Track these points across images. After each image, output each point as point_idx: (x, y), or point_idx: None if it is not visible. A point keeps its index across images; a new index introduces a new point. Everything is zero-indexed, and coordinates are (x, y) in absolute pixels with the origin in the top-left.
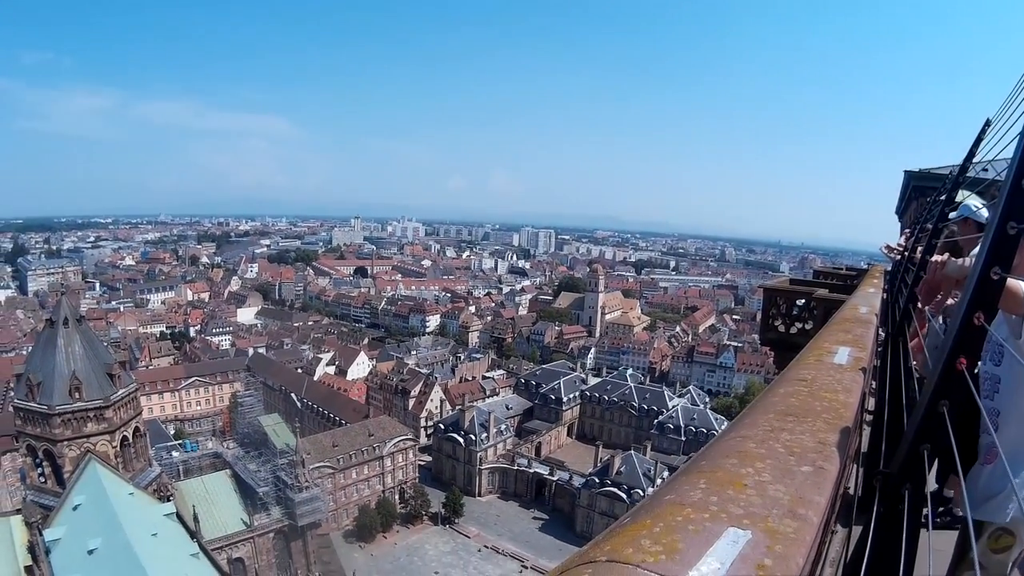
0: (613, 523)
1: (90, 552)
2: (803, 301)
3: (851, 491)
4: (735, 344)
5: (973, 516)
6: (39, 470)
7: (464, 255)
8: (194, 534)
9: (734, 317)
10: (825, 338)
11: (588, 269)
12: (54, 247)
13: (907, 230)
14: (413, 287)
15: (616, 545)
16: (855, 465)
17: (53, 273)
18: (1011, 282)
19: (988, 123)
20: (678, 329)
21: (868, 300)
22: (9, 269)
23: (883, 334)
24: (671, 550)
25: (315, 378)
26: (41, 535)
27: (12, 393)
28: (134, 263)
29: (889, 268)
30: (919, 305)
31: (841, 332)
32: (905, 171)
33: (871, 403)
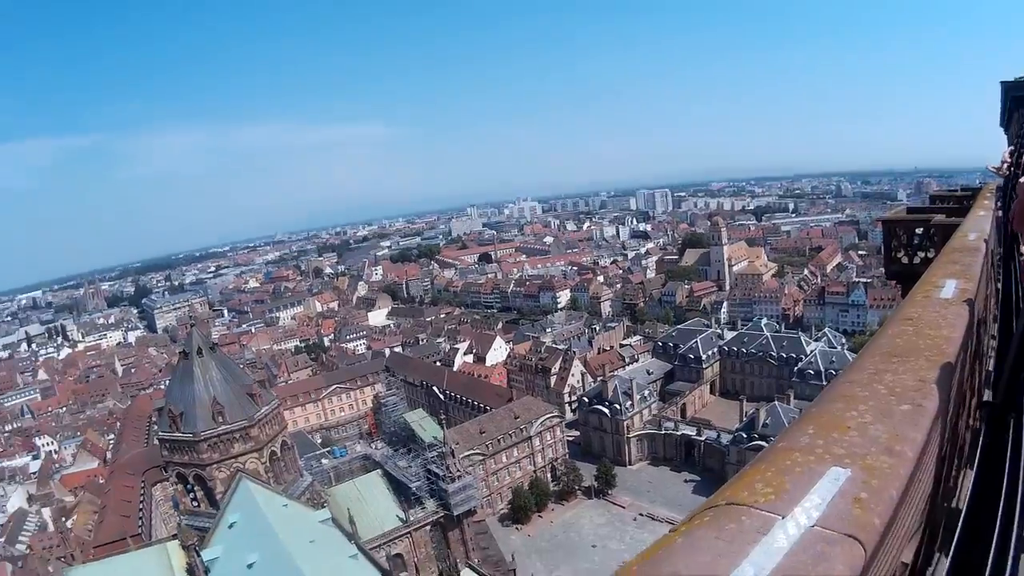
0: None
1: (249, 566)
2: (921, 230)
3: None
4: (864, 280)
5: None
6: (191, 495)
7: (584, 226)
8: (351, 536)
9: (860, 253)
10: (934, 272)
11: (709, 223)
12: (176, 283)
13: (1010, 146)
14: (539, 265)
15: (735, 490)
16: (974, 398)
17: (179, 307)
18: None
19: None
20: (806, 272)
21: (978, 225)
22: (135, 311)
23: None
24: (779, 490)
25: (454, 369)
26: (199, 556)
27: (156, 427)
28: (258, 284)
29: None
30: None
31: (949, 264)
32: (1001, 82)
33: (995, 330)
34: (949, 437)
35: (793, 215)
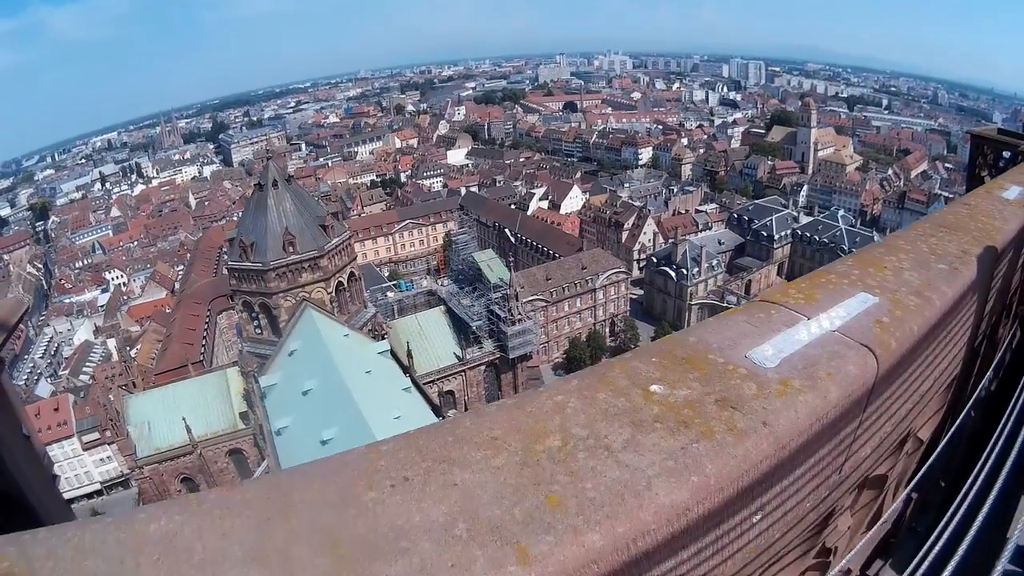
0: None
1: (304, 393)
2: (1009, 153)
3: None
4: (946, 194)
5: None
6: (255, 323)
7: (674, 87)
8: (407, 369)
9: (946, 165)
10: (1003, 178)
11: (800, 103)
12: (254, 118)
13: None
14: (624, 120)
15: (771, 293)
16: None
17: (256, 142)
18: None
19: None
20: (890, 172)
21: None
22: (212, 146)
23: None
24: (810, 298)
25: (528, 213)
26: (257, 382)
27: (226, 258)
28: (338, 120)
29: None
30: None
31: (1019, 174)
32: None
33: None
34: (984, 328)
35: (886, 112)
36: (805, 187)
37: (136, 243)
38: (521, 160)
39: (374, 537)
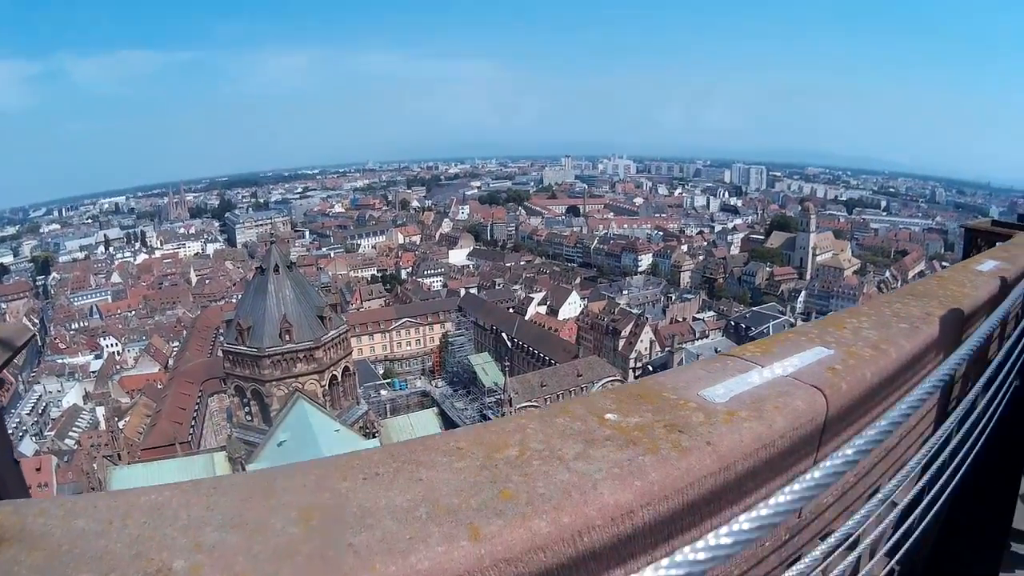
0: None
1: None
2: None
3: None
4: None
5: None
6: (246, 409)
7: (676, 192)
8: None
9: (943, 263)
10: (983, 254)
11: (800, 208)
12: (261, 200)
13: None
14: (625, 225)
15: (734, 351)
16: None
17: (261, 224)
18: None
19: None
20: (887, 274)
21: None
22: (217, 224)
23: None
24: (767, 352)
25: (526, 317)
26: (244, 469)
27: (222, 339)
28: (343, 210)
29: None
30: None
31: (999, 251)
32: None
33: None
34: (957, 392)
35: (884, 213)
36: (803, 293)
37: (134, 313)
38: (522, 263)
39: (343, 514)
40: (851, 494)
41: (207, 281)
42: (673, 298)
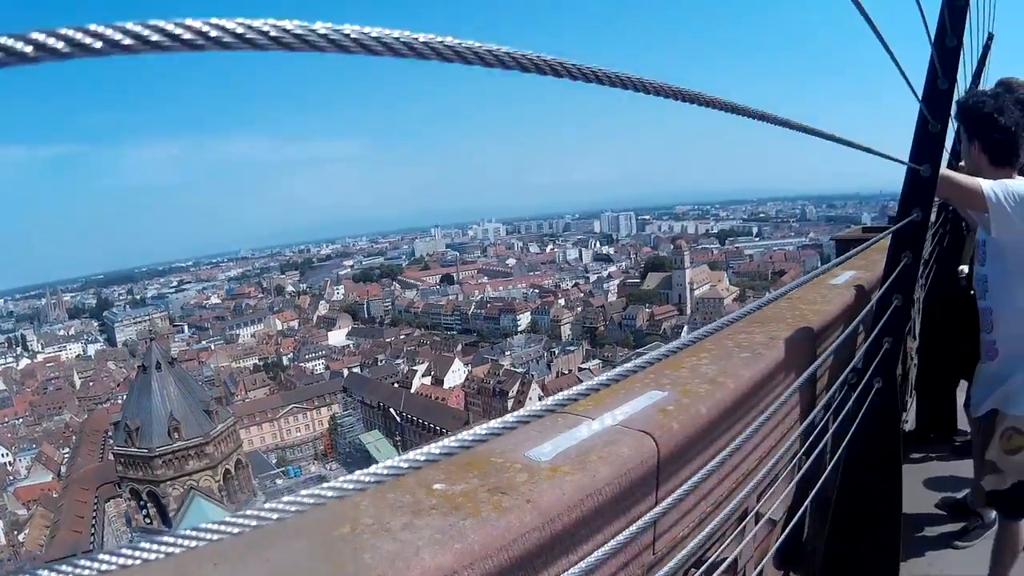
0: None
1: None
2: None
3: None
4: None
5: (973, 414)
6: (144, 512)
7: (548, 249)
8: None
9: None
10: (840, 265)
11: (672, 246)
12: (138, 296)
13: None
14: (500, 288)
15: (569, 406)
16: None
17: (140, 321)
18: (959, 176)
19: (991, 36)
20: (767, 296)
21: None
22: (96, 323)
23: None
24: (598, 403)
25: (412, 391)
26: None
27: (111, 442)
28: (220, 301)
29: None
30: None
31: (860, 260)
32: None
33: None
34: (825, 402)
35: (757, 239)
36: (685, 327)
37: (21, 420)
38: (402, 337)
39: None
40: (710, 520)
41: (91, 383)
42: (556, 352)
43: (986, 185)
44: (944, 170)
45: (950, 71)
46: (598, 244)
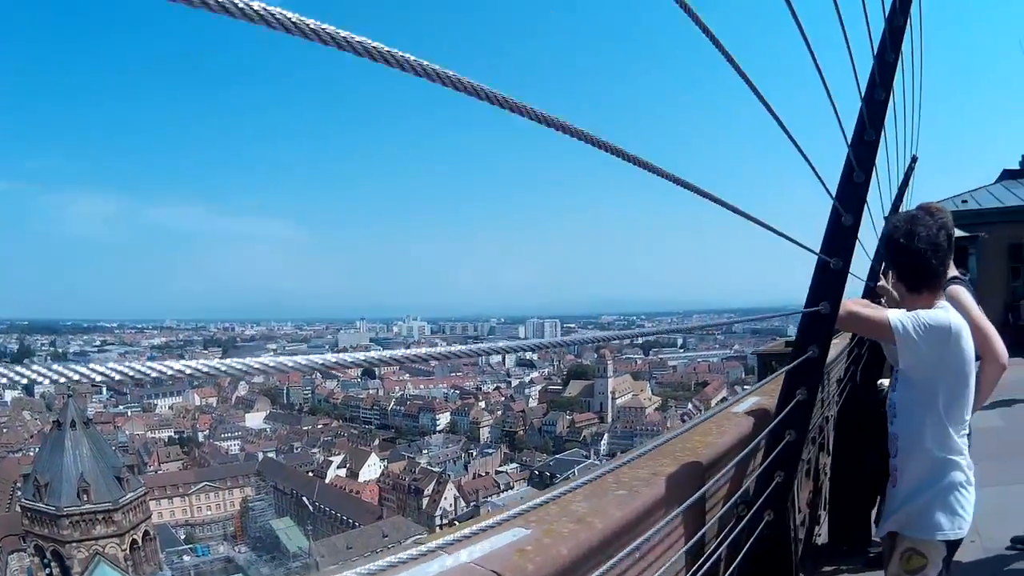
0: None
1: None
2: None
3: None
4: None
5: (877, 534)
6: (47, 570)
7: None
8: None
9: (745, 387)
10: (752, 392)
11: (596, 355)
12: (60, 350)
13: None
14: (422, 386)
15: (435, 537)
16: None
17: None
18: (863, 310)
19: (915, 159)
20: (690, 406)
21: (836, 348)
22: None
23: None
24: (459, 540)
25: (327, 481)
26: None
27: (20, 493)
28: None
29: None
30: None
31: (771, 385)
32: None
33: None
34: (684, 532)
35: (681, 350)
36: (606, 435)
37: None
38: (319, 427)
39: None
40: None
41: (4, 431)
42: (474, 454)
43: (893, 316)
44: (848, 304)
45: (866, 164)
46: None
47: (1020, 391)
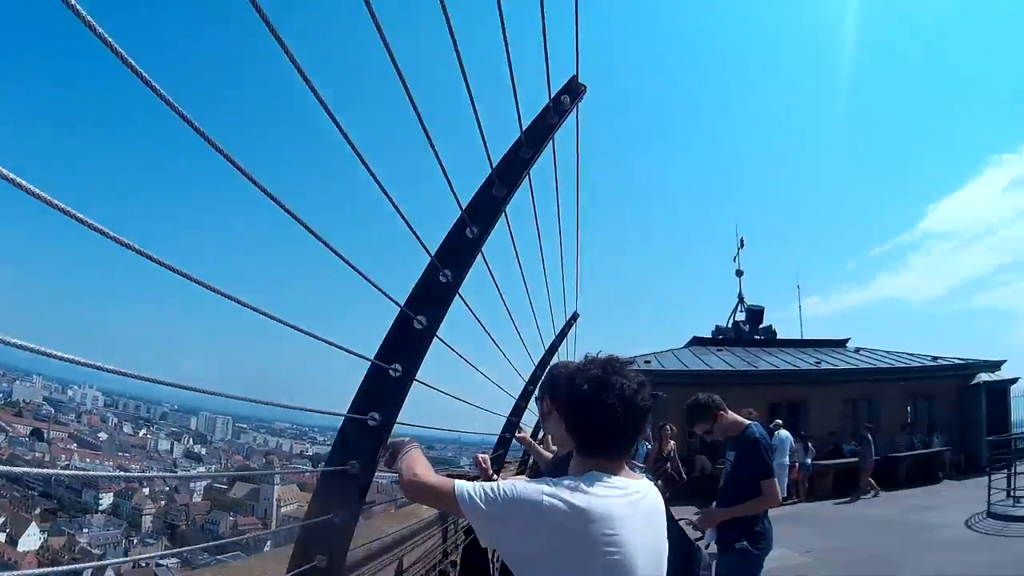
0: None
1: None
2: None
3: None
4: None
5: None
6: None
7: (141, 432)
8: None
9: None
10: None
11: (264, 460)
12: None
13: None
14: (88, 459)
15: None
16: None
17: None
18: (429, 477)
19: (576, 315)
20: None
21: None
22: None
23: None
24: None
25: None
26: None
27: None
28: None
29: None
30: None
31: None
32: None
33: None
34: None
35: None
36: (269, 542)
37: None
38: None
39: None
40: None
41: None
42: (135, 541)
43: (460, 487)
44: (406, 461)
45: (451, 264)
46: (191, 441)
47: None
